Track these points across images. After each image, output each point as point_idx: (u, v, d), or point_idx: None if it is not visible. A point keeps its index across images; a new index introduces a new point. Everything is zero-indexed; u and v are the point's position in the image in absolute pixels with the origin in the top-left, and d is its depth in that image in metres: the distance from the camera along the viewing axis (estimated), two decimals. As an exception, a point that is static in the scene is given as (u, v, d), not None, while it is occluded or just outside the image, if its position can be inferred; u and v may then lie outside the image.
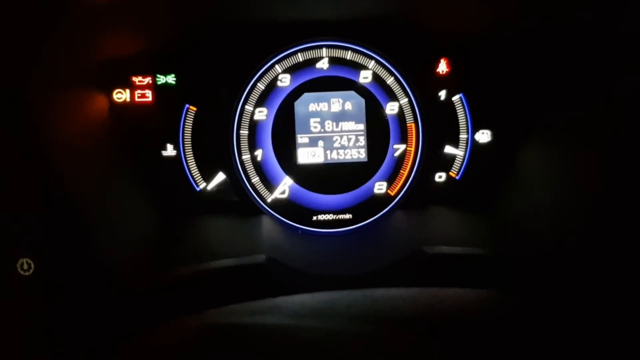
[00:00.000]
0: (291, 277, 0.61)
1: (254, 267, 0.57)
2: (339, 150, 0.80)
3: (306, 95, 0.78)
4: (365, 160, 0.80)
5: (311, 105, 0.78)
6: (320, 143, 0.79)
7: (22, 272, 0.50)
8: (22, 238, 0.52)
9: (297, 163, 0.80)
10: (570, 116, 0.73)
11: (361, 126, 0.79)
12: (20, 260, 0.50)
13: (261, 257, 0.59)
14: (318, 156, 0.79)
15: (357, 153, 0.80)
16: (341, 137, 0.80)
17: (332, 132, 0.79)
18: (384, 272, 0.62)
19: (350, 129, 0.79)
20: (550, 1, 0.64)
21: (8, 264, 0.49)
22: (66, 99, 0.66)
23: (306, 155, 0.79)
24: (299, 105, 0.78)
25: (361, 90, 0.80)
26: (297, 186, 0.80)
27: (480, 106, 0.85)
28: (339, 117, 0.79)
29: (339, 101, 0.79)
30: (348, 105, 0.79)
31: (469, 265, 0.59)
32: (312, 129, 0.79)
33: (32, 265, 0.50)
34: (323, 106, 0.78)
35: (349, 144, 0.80)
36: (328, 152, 0.80)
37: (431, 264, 0.59)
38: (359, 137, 0.80)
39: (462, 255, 0.59)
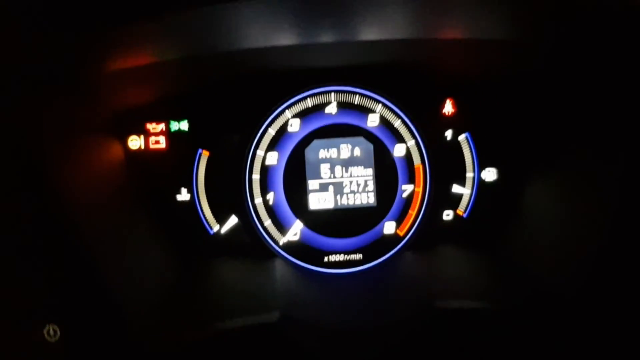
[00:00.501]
0: (304, 333, 0.63)
1: (267, 326, 0.59)
2: (348, 195, 0.82)
3: (316, 142, 0.80)
4: (375, 205, 0.82)
5: (321, 151, 0.80)
6: (331, 188, 0.81)
7: (48, 338, 0.52)
8: (47, 303, 0.54)
9: (309, 209, 0.82)
10: (576, 156, 0.74)
11: (370, 171, 0.81)
12: (47, 327, 0.52)
13: (274, 315, 0.61)
14: (328, 202, 0.81)
15: (367, 197, 0.82)
16: (350, 182, 0.82)
17: (342, 177, 0.81)
18: (396, 326, 0.64)
19: (360, 174, 0.81)
20: (552, 51, 0.65)
21: (36, 331, 0.52)
22: (82, 150, 0.68)
23: (317, 201, 0.81)
24: (309, 151, 0.80)
25: (369, 135, 0.81)
26: (308, 229, 0.82)
27: (486, 145, 0.87)
28: (349, 162, 0.81)
29: (348, 147, 0.80)
30: (357, 151, 0.80)
31: (477, 318, 0.61)
32: (323, 174, 0.81)
33: (58, 331, 0.52)
34: (333, 152, 0.80)
35: (358, 189, 0.82)
36: (338, 197, 0.82)
37: (441, 319, 0.62)
38: (367, 182, 0.82)
39: (471, 310, 0.61)
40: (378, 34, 0.63)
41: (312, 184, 0.81)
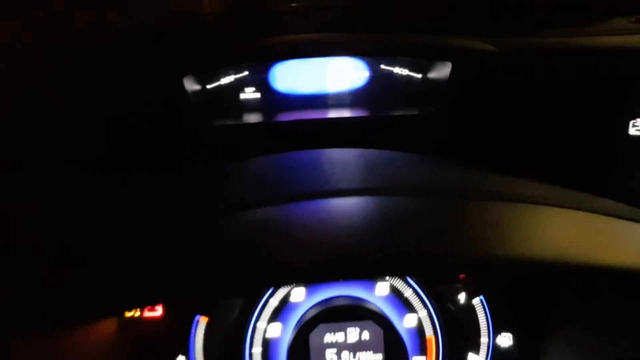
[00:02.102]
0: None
1: None
2: (355, 379, 0.77)
3: (322, 326, 0.75)
4: (384, 382, 0.77)
5: (327, 335, 0.75)
6: (337, 374, 0.76)
7: None
8: None
9: (313, 392, 0.77)
10: (596, 322, 0.70)
11: (379, 356, 0.76)
12: None
13: None
14: (334, 386, 0.77)
15: (375, 379, 0.77)
16: (358, 367, 0.77)
17: (349, 362, 0.76)
18: None
19: (369, 359, 0.76)
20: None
21: None
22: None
23: (322, 386, 0.77)
24: (314, 336, 0.75)
25: (378, 316, 0.76)
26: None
27: (501, 309, 0.82)
28: (356, 347, 0.76)
29: (355, 330, 0.75)
30: (365, 335, 0.75)
31: None
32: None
33: None
34: (339, 336, 0.75)
35: (367, 376, 0.77)
36: (344, 381, 0.77)
37: None
38: (376, 366, 0.77)
39: None
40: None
41: (317, 369, 0.76)
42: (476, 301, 0.80)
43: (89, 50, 0.77)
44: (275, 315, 0.77)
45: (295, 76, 0.82)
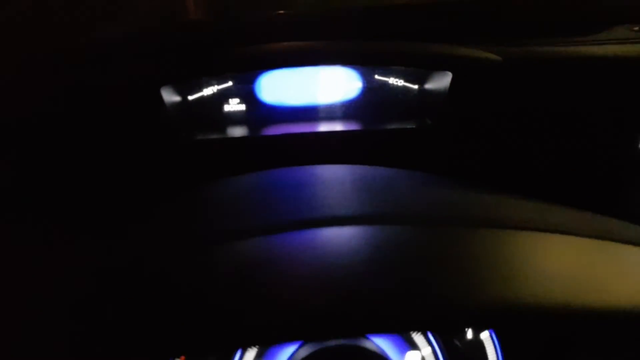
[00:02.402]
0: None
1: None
2: None
3: None
4: None
5: None
6: None
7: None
8: None
9: None
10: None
11: None
12: None
13: None
14: None
15: None
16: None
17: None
18: None
19: None
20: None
21: None
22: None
23: None
24: None
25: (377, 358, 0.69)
26: None
27: (511, 343, 0.75)
28: None
29: None
30: None
31: None
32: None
33: None
34: None
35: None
36: None
37: None
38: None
39: None
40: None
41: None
42: (485, 335, 0.74)
43: (61, 58, 0.71)
44: (260, 356, 0.69)
45: (283, 87, 0.76)
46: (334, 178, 0.53)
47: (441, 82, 0.72)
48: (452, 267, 0.33)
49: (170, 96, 0.72)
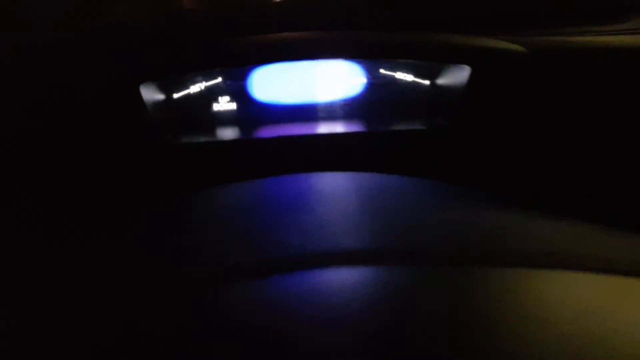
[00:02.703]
0: None
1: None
2: None
3: None
4: None
5: None
6: None
7: None
8: None
9: None
10: None
11: None
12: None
13: None
14: None
15: None
16: None
17: None
18: None
19: None
20: None
21: None
22: None
23: None
24: None
25: None
26: None
27: None
28: None
29: None
30: None
31: None
32: None
33: None
34: None
35: None
36: None
37: None
38: None
39: None
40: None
41: None
42: None
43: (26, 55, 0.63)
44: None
45: (278, 83, 0.69)
46: (337, 192, 0.44)
47: (457, 76, 0.63)
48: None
49: (151, 94, 0.64)
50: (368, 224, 0.33)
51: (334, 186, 0.50)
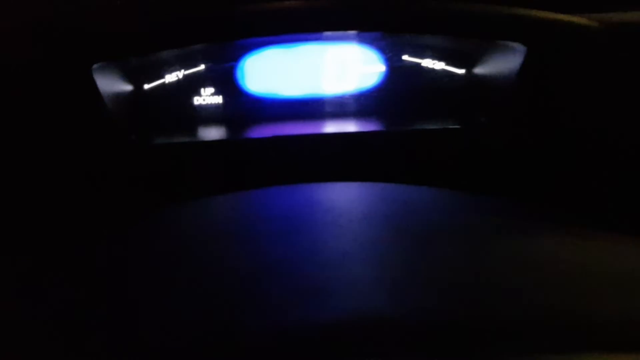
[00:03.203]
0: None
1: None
2: None
3: None
4: None
5: None
6: None
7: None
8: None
9: None
10: None
11: None
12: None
13: None
14: None
15: None
16: None
17: None
18: None
19: None
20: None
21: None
22: None
23: None
24: None
25: None
26: None
27: None
28: None
29: None
30: None
31: None
32: None
33: None
34: None
35: None
36: None
37: None
38: None
39: None
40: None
41: None
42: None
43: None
44: None
45: (275, 71, 0.61)
46: (348, 211, 0.34)
47: (505, 61, 0.53)
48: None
49: (112, 83, 0.55)
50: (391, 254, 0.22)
51: (345, 203, 0.38)
